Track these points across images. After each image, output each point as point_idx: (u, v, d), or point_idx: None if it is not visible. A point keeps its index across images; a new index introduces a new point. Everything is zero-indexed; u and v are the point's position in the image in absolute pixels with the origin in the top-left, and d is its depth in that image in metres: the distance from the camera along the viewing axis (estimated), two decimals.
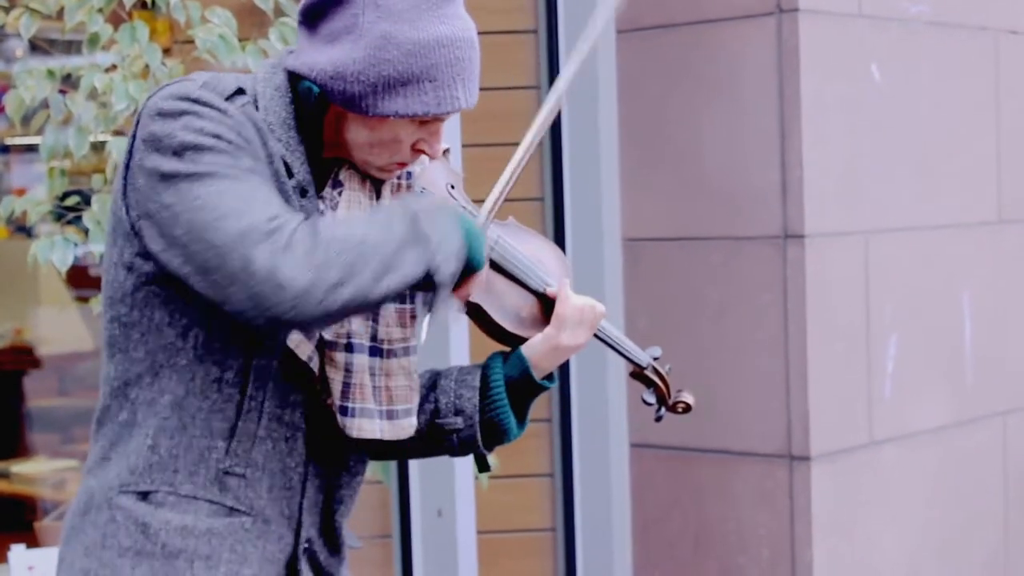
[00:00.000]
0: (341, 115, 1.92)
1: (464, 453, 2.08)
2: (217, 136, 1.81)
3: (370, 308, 1.85)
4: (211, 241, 1.76)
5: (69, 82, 3.32)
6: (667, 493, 3.91)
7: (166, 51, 3.44)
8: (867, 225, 3.84)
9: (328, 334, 1.91)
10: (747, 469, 3.77)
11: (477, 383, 2.03)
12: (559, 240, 3.89)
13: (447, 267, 1.83)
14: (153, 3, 3.28)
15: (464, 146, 3.62)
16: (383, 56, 1.84)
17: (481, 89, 1.94)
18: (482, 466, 2.12)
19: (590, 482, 3.91)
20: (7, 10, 3.39)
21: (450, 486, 3.68)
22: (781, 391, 3.70)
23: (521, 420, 2.07)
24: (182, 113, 1.82)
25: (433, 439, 2.06)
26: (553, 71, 3.84)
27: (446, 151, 2.10)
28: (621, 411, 3.92)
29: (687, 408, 2.20)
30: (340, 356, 1.93)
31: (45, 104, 3.28)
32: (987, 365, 4.23)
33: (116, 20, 3.31)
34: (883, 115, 3.89)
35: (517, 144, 2.01)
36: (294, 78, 1.92)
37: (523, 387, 2.04)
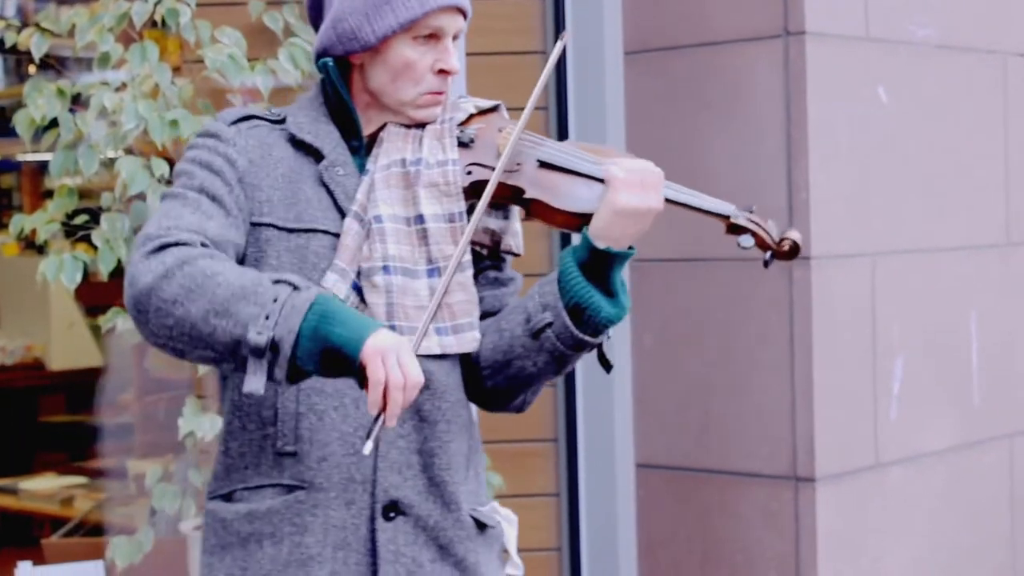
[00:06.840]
0: (360, 71, 2.09)
1: (572, 351, 2.08)
2: (196, 161, 2.07)
3: (203, 345, 1.88)
4: None
5: (79, 101, 3.34)
6: (673, 514, 3.91)
7: (176, 70, 3.46)
8: (874, 247, 3.84)
9: (363, 262, 2.04)
10: (753, 490, 3.77)
11: (555, 276, 2.08)
12: None
13: (279, 334, 1.83)
14: (163, 23, 3.30)
15: None
16: None
17: None
18: (604, 364, 2.13)
19: (596, 502, 3.91)
20: (19, 29, 3.41)
21: None
22: (787, 413, 3.70)
23: (611, 294, 2.07)
24: (190, 147, 2.11)
25: (534, 346, 2.08)
26: (560, 92, 3.84)
27: (496, 106, 2.20)
28: (627, 431, 3.93)
29: (795, 247, 2.15)
30: (379, 278, 2.04)
31: (55, 122, 3.29)
32: (994, 387, 4.22)
33: (127, 39, 3.33)
34: (890, 137, 3.89)
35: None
36: (326, 74, 2.11)
37: (597, 261, 2.05)
